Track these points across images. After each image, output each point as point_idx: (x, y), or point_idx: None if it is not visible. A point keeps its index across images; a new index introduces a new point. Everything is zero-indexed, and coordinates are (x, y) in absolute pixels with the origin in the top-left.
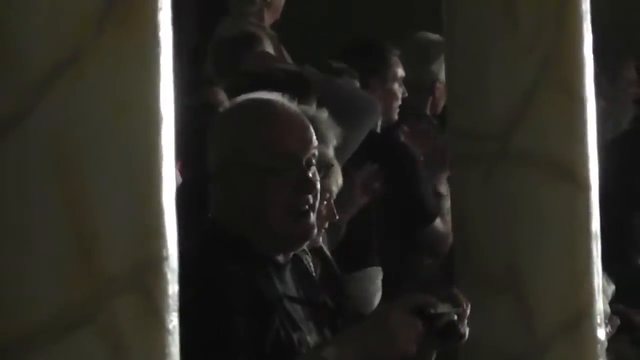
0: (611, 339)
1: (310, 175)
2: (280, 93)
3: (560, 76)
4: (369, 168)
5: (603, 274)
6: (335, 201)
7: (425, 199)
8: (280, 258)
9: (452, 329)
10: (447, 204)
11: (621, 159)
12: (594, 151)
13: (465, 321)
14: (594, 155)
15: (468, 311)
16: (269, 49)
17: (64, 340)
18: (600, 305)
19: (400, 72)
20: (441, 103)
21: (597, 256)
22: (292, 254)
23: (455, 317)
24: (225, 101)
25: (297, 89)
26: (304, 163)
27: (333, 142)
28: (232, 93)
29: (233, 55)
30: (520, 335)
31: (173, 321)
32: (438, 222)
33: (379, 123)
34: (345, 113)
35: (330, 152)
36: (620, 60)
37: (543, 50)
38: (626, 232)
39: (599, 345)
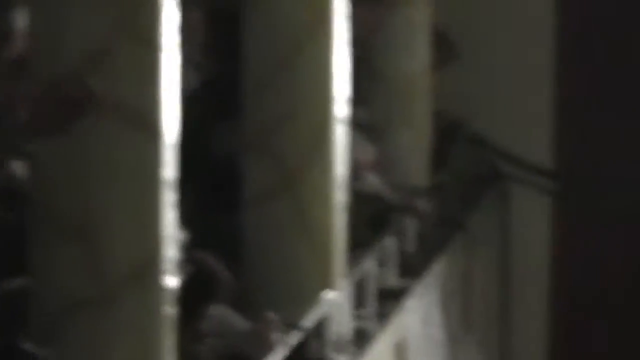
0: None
1: None
2: None
3: (137, 24)
4: None
5: (177, 222)
6: None
7: None
8: None
9: None
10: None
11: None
12: (172, 99)
13: None
14: (171, 103)
15: None
16: None
17: None
18: (170, 253)
19: None
20: (18, 50)
21: (168, 204)
22: None
23: None
24: None
25: None
26: None
27: None
28: None
29: None
30: (90, 283)
31: None
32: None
33: None
34: None
35: None
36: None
37: None
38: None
39: (166, 292)
